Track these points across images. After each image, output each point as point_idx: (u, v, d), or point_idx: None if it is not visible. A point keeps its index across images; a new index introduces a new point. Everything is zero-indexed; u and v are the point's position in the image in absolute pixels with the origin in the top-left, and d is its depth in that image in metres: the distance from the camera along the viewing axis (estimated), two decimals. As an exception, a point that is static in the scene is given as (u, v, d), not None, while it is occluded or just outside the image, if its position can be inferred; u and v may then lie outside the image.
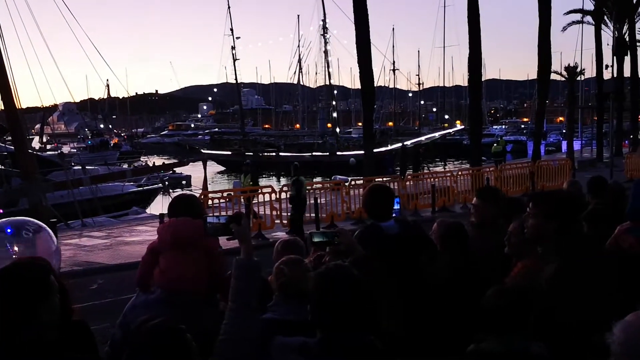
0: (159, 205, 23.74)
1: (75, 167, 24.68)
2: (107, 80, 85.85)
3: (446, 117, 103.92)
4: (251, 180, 16.51)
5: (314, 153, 48.98)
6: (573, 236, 3.12)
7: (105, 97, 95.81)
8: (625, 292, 2.94)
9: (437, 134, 59.11)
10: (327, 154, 47.67)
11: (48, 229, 4.66)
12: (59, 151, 27.40)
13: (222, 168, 51.12)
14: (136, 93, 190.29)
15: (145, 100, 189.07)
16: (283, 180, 42.99)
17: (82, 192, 19.32)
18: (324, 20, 59.42)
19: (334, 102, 58.85)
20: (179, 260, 3.32)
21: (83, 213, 17.88)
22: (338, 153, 47.37)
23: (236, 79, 62.87)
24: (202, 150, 56.39)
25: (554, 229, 3.09)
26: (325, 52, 60.84)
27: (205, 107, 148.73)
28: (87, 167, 24.71)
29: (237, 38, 62.97)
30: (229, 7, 63.30)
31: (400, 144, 41.35)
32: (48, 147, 56.92)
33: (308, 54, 73.24)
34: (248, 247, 2.57)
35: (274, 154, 50.64)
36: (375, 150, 41.32)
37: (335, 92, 61.18)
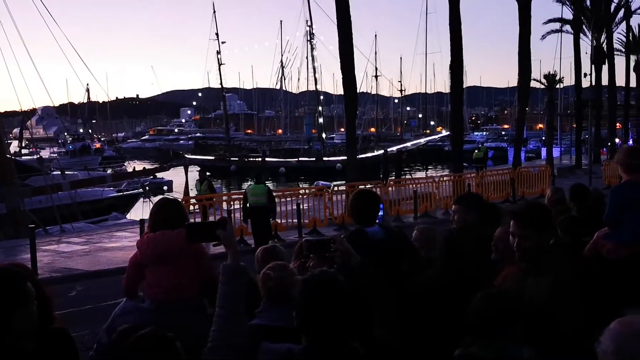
0: (139, 211, 23.54)
1: (54, 172, 24.36)
2: (87, 84, 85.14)
3: (432, 123, 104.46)
4: (208, 188, 15.98)
5: (300, 158, 49.00)
6: (560, 247, 3.15)
7: (85, 101, 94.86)
8: (607, 297, 2.97)
9: (422, 140, 59.57)
10: (314, 159, 47.67)
11: None
12: (38, 156, 27.02)
13: (207, 173, 50.83)
14: (117, 97, 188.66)
15: (126, 104, 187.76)
16: (270, 186, 42.96)
17: (61, 197, 19.07)
18: (310, 26, 59.55)
19: (320, 108, 58.88)
20: (165, 273, 3.28)
21: (62, 218, 17.65)
22: (325, 158, 47.41)
23: (221, 83, 62.67)
24: (186, 156, 56.11)
25: (547, 242, 3.09)
26: (312, 57, 60.90)
27: (189, 112, 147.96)
28: (66, 172, 24.41)
29: (223, 43, 62.87)
30: (214, 12, 63.21)
31: (391, 149, 41.58)
32: (25, 151, 56.17)
33: (294, 60, 73.28)
34: (234, 252, 2.55)
35: (259, 159, 50.55)
36: (363, 155, 41.69)
37: (322, 97, 61.23)
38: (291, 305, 2.38)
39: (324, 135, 57.00)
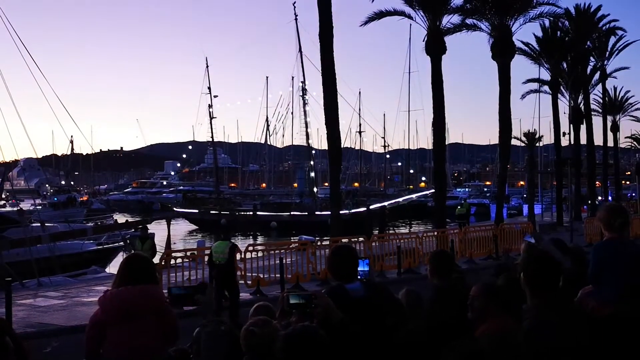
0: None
1: (34, 224, 24.00)
2: (72, 136, 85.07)
3: (423, 178, 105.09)
4: (150, 248, 14.97)
5: (292, 212, 48.79)
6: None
7: (69, 153, 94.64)
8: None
9: (414, 196, 60.08)
10: (306, 213, 47.49)
11: None
12: (18, 207, 26.68)
13: (194, 227, 50.55)
14: (101, 150, 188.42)
15: (109, 156, 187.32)
16: (260, 240, 42.57)
17: (40, 250, 18.74)
18: (303, 82, 60.56)
19: (312, 162, 59.28)
20: (128, 332, 3.20)
21: (40, 272, 17.29)
22: (317, 213, 47.24)
23: (212, 137, 63.19)
24: (174, 209, 55.87)
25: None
26: (305, 112, 61.68)
27: (178, 165, 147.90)
28: (47, 224, 24.05)
29: (215, 97, 63.79)
30: (207, 66, 64.45)
31: (380, 204, 41.84)
32: (1, 202, 55.37)
33: (286, 114, 74.11)
34: (215, 316, 2.52)
35: (250, 213, 50.31)
36: (355, 210, 41.84)
37: (314, 152, 61.76)
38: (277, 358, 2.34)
39: (315, 190, 57.15)
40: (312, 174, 58.35)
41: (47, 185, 66.56)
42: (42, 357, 9.05)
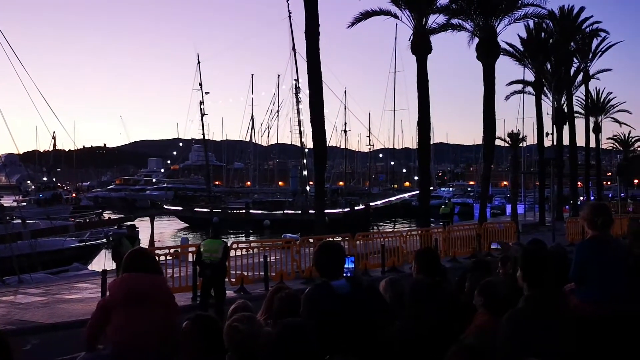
0: (102, 262, 22.95)
1: (16, 221, 23.70)
2: (54, 132, 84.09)
3: (416, 178, 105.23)
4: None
5: (285, 211, 48.66)
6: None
7: (51, 149, 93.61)
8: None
9: (407, 195, 60.24)
10: (299, 212, 47.40)
11: None
12: (-1, 204, 26.42)
13: (185, 225, 50.30)
14: (84, 146, 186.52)
15: (92, 153, 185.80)
16: (253, 239, 42.43)
17: (21, 246, 18.52)
18: (296, 80, 60.23)
19: (304, 161, 59.03)
20: (134, 316, 3.21)
21: (21, 269, 17.07)
22: (310, 211, 47.12)
23: (203, 134, 62.49)
24: (164, 207, 55.49)
25: None
26: (298, 110, 61.39)
27: (168, 162, 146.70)
28: (28, 221, 23.78)
29: (207, 93, 63.10)
30: (198, 62, 63.75)
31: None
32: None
33: (278, 112, 73.81)
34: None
35: (243, 211, 50.09)
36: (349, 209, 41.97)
37: (307, 150, 61.54)
38: (262, 355, 2.32)
39: (308, 188, 56.99)
40: (305, 173, 58.18)
41: (28, 182, 65.82)
42: (21, 354, 8.92)
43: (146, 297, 3.25)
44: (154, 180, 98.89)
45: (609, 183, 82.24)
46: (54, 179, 78.57)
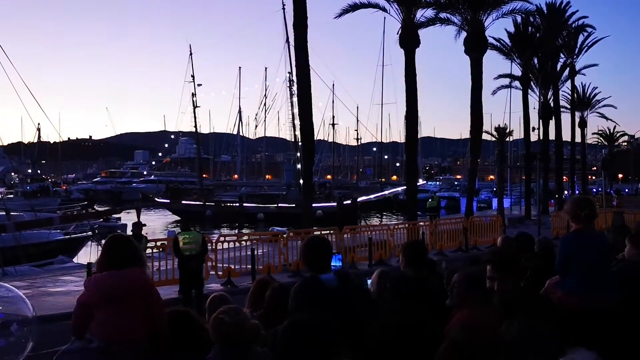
0: (88, 254, 22.79)
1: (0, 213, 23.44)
2: (39, 123, 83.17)
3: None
4: (146, 249, 13.93)
5: (279, 204, 48.49)
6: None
7: (36, 141, 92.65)
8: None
9: (400, 189, 60.32)
10: (293, 205, 47.30)
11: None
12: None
13: (177, 218, 50.01)
14: (69, 138, 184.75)
15: (78, 145, 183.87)
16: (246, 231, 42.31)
17: (5, 239, 18.34)
18: (290, 73, 59.90)
19: (298, 154, 58.91)
20: (115, 313, 3.18)
21: (5, 261, 16.91)
22: None
23: (195, 126, 62.02)
24: (156, 199, 55.02)
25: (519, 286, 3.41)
26: (291, 104, 61.15)
27: (160, 155, 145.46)
28: (12, 213, 23.53)
29: (199, 85, 62.56)
30: (190, 54, 63.15)
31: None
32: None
33: (272, 105, 73.40)
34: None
35: (237, 204, 49.84)
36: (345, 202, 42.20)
37: (300, 144, 61.35)
38: (243, 350, 2.32)
39: (301, 181, 56.78)
40: (299, 166, 58.08)
41: (12, 174, 65.11)
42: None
43: (125, 295, 3.22)
44: (144, 172, 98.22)
45: (594, 177, 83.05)
46: (39, 171, 77.86)
